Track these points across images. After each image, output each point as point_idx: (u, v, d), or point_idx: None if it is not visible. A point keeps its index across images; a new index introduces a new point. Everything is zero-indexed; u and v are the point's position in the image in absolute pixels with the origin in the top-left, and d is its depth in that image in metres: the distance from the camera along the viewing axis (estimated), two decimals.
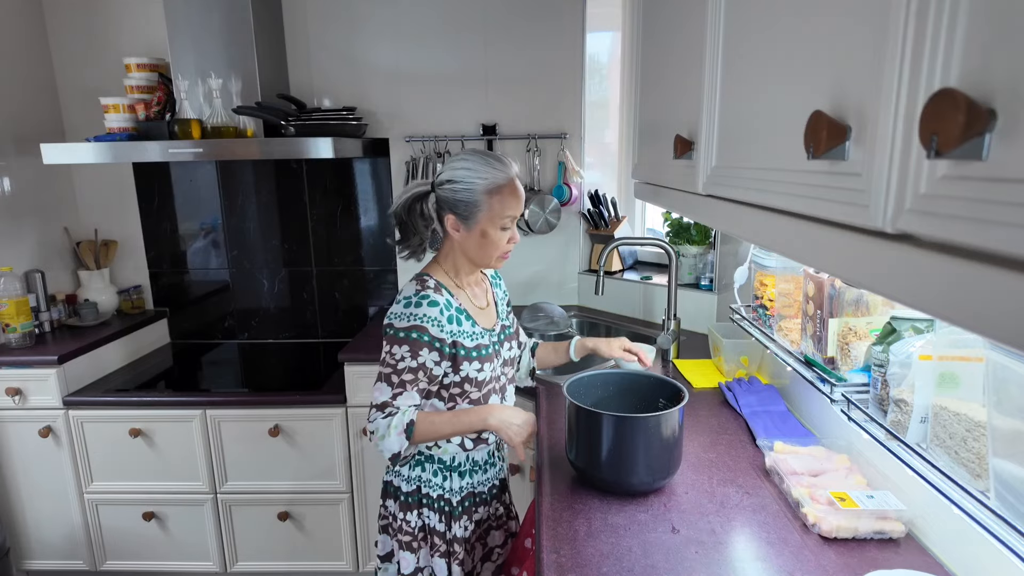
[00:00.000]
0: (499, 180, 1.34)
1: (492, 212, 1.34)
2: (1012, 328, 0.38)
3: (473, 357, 1.40)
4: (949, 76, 0.43)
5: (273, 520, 2.37)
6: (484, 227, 1.36)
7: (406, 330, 1.33)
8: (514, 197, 1.35)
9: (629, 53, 2.70)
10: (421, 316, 1.33)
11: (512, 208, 1.35)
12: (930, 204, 0.46)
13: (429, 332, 1.34)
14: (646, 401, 1.43)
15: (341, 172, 2.75)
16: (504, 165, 1.35)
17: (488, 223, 1.35)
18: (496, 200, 1.33)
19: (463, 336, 1.39)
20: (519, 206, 1.37)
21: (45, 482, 2.37)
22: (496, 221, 1.35)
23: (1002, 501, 0.76)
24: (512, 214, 1.36)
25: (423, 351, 1.34)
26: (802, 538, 1.14)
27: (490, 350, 1.44)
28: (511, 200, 1.35)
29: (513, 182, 1.35)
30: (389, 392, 1.34)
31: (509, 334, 1.57)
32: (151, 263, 2.86)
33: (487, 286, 1.57)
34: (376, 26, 2.63)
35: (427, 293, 1.36)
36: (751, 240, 0.88)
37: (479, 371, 1.42)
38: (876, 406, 1.05)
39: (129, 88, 2.41)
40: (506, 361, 1.53)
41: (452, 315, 1.38)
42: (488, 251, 1.39)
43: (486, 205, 1.33)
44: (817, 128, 0.59)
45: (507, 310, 1.62)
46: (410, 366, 1.33)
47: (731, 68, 0.96)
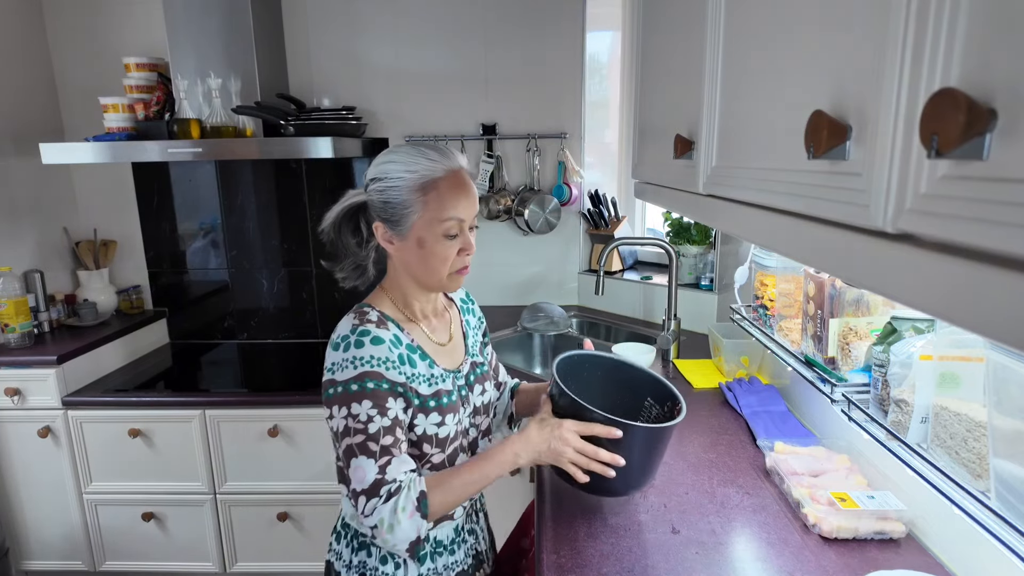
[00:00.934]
0: (434, 172, 1.06)
1: (428, 214, 1.06)
2: (1013, 328, 0.37)
3: (430, 407, 1.10)
4: (949, 76, 0.43)
5: (272, 520, 2.36)
6: (420, 234, 1.07)
7: (357, 381, 1.03)
8: (456, 193, 1.07)
9: (629, 52, 2.70)
10: (368, 359, 1.04)
11: (454, 207, 1.06)
12: (930, 204, 0.45)
13: (385, 377, 1.05)
14: (634, 396, 1.30)
15: (341, 172, 2.75)
16: (443, 155, 1.09)
17: (424, 228, 1.07)
18: (432, 198, 1.06)
19: (417, 381, 1.10)
20: (467, 205, 1.08)
21: (44, 482, 2.37)
22: (435, 226, 1.06)
23: (1003, 501, 0.75)
24: (456, 215, 1.07)
25: (389, 401, 1.04)
26: (802, 538, 1.14)
27: (454, 397, 1.15)
28: (452, 197, 1.06)
29: (455, 175, 1.08)
30: (374, 467, 1.02)
31: (481, 373, 1.26)
32: (150, 263, 2.86)
33: (452, 315, 1.28)
34: (376, 25, 2.63)
35: (367, 328, 1.07)
36: (751, 240, 0.88)
37: (439, 425, 1.11)
38: (877, 406, 1.05)
39: (128, 88, 2.41)
40: (478, 409, 1.23)
41: (403, 354, 1.09)
42: (432, 266, 1.09)
43: (418, 205, 1.06)
44: (817, 128, 0.59)
45: (481, 342, 1.33)
46: (384, 425, 1.03)
47: (731, 67, 0.96)
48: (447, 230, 1.07)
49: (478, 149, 2.73)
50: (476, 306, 1.38)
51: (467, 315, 1.32)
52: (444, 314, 1.25)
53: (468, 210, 1.09)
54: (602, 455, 1.08)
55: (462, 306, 1.33)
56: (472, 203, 1.10)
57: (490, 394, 1.28)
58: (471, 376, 1.23)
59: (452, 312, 1.29)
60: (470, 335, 1.29)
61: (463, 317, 1.31)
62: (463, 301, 1.35)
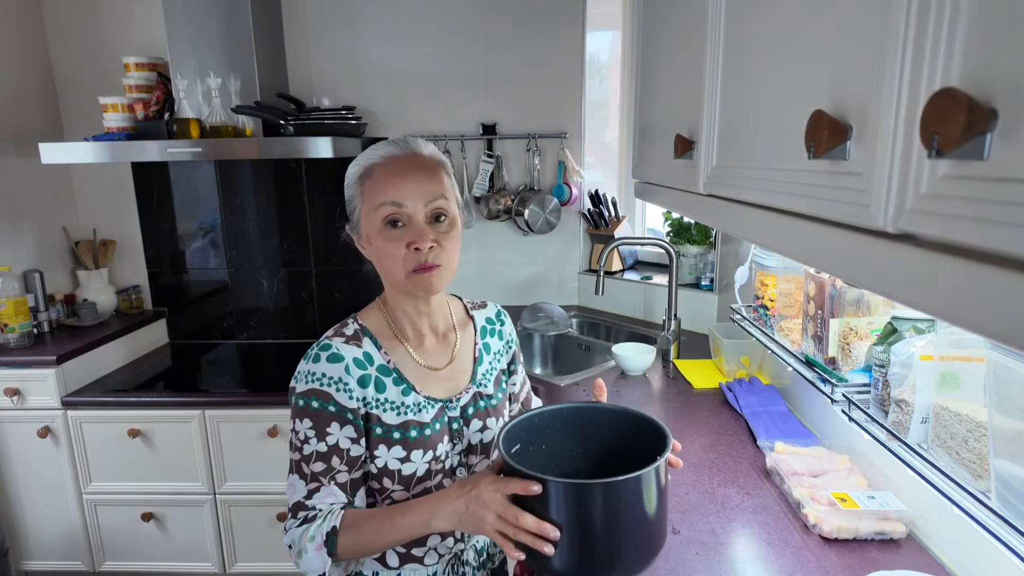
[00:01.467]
0: (372, 159, 0.98)
1: (365, 204, 0.98)
2: (1013, 328, 0.37)
3: (394, 439, 0.99)
4: (950, 75, 0.43)
5: (272, 521, 2.36)
6: (366, 229, 1.00)
7: (303, 396, 0.96)
8: (390, 176, 0.96)
9: (629, 52, 2.70)
10: (319, 376, 0.96)
11: (385, 190, 0.95)
12: (931, 204, 0.45)
13: (334, 399, 0.96)
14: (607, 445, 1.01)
15: (340, 172, 2.72)
16: (393, 144, 1.00)
17: (366, 221, 0.99)
18: (367, 186, 0.98)
19: (383, 407, 0.99)
20: (406, 189, 0.95)
21: (44, 482, 2.36)
22: (373, 217, 0.96)
23: (1003, 502, 0.75)
24: (388, 199, 0.95)
25: (332, 426, 0.96)
26: (803, 539, 1.13)
27: (429, 432, 1.01)
28: (385, 180, 0.96)
29: (394, 159, 0.98)
30: (303, 489, 0.96)
31: (485, 408, 1.09)
32: (150, 263, 2.85)
33: (462, 336, 1.12)
34: (376, 25, 2.62)
35: (330, 344, 0.99)
36: (752, 240, 0.88)
37: (403, 461, 0.99)
38: (877, 406, 1.05)
39: (128, 87, 2.41)
40: (473, 447, 1.08)
41: (369, 375, 0.99)
42: (385, 266, 0.99)
43: (358, 197, 0.99)
44: (818, 127, 0.59)
45: (501, 370, 1.16)
46: (318, 450, 0.96)
47: (732, 67, 0.96)
48: (382, 217, 0.96)
49: (478, 149, 2.73)
50: (508, 328, 1.20)
51: (488, 337, 1.16)
52: (448, 334, 1.11)
53: (409, 194, 0.95)
54: (525, 521, 0.81)
55: (486, 327, 1.17)
56: (416, 187, 0.96)
57: (494, 433, 1.09)
58: (470, 409, 1.08)
59: (464, 333, 1.13)
60: (484, 361, 1.13)
61: (480, 340, 1.14)
62: (489, 321, 1.18)
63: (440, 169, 1.01)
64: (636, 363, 1.98)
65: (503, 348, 1.18)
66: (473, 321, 1.16)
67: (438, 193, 0.98)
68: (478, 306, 1.20)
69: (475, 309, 1.18)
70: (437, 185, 0.98)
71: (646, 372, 2.02)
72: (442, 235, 0.98)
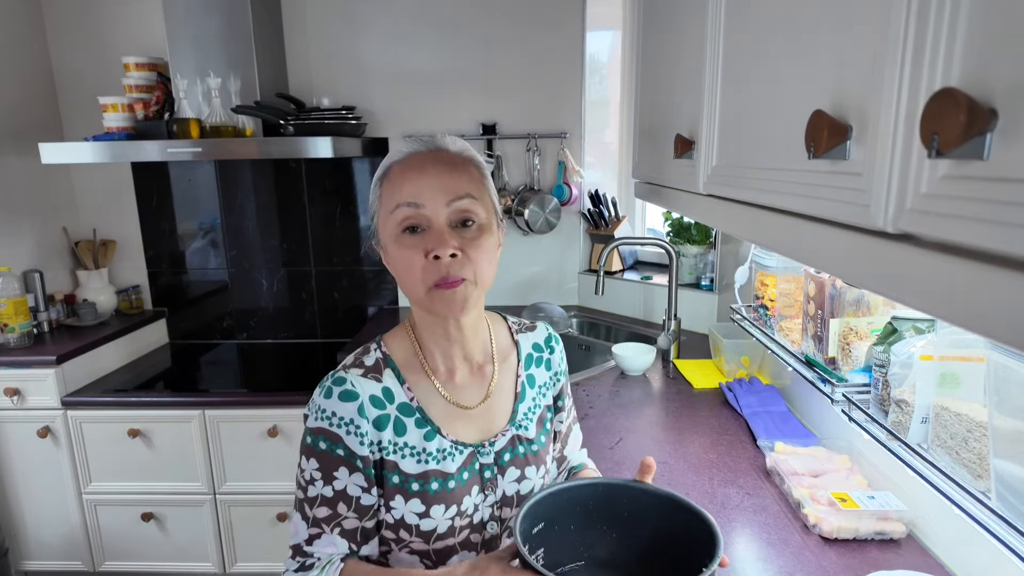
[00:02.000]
0: (392, 158, 0.87)
1: (383, 208, 0.86)
2: (1013, 328, 0.37)
3: (412, 491, 0.86)
4: (950, 75, 0.43)
5: (272, 521, 2.36)
6: (384, 238, 0.87)
7: (312, 434, 0.85)
8: (406, 173, 0.84)
9: (629, 52, 2.70)
10: (329, 415, 0.84)
11: (400, 189, 0.83)
12: (931, 204, 0.45)
13: (344, 442, 0.84)
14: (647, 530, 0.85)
15: (340, 171, 2.75)
16: (415, 140, 0.88)
17: (384, 228, 0.86)
18: (385, 188, 0.86)
19: (401, 452, 0.87)
20: (422, 187, 0.82)
21: (43, 483, 2.36)
22: (388, 222, 0.84)
23: (1003, 502, 0.75)
24: (403, 199, 0.82)
25: (340, 471, 0.84)
26: (803, 539, 1.13)
27: (454, 483, 0.88)
28: (400, 179, 0.84)
29: (413, 156, 0.85)
30: (304, 531, 0.87)
31: (525, 454, 0.95)
32: (150, 263, 2.85)
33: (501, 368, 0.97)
34: (376, 25, 2.62)
35: (344, 377, 0.86)
36: (752, 240, 0.88)
37: (423, 516, 0.87)
38: (877, 406, 1.05)
39: (128, 87, 2.41)
40: (508, 500, 0.93)
41: (388, 416, 0.87)
42: (404, 281, 0.85)
43: (378, 201, 0.88)
44: (818, 127, 0.59)
45: (546, 407, 1.00)
46: (323, 494, 0.85)
47: (732, 67, 0.96)
48: (397, 221, 0.82)
49: (478, 149, 2.71)
50: (559, 356, 1.04)
51: (533, 368, 1.00)
52: (485, 366, 0.95)
53: (428, 192, 0.81)
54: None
55: (532, 355, 1.01)
56: (435, 183, 0.82)
57: (534, 483, 0.95)
58: (507, 455, 0.93)
59: (505, 365, 0.98)
60: (527, 398, 0.98)
61: (523, 372, 0.99)
62: (536, 347, 1.02)
63: (468, 165, 0.86)
64: (636, 363, 1.98)
65: (550, 380, 1.02)
66: (517, 348, 1.00)
67: (463, 191, 0.83)
68: (525, 328, 1.03)
69: (521, 333, 1.02)
70: (463, 181, 0.84)
71: (646, 372, 2.02)
72: (468, 242, 0.82)
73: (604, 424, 1.64)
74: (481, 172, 0.88)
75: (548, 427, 1.01)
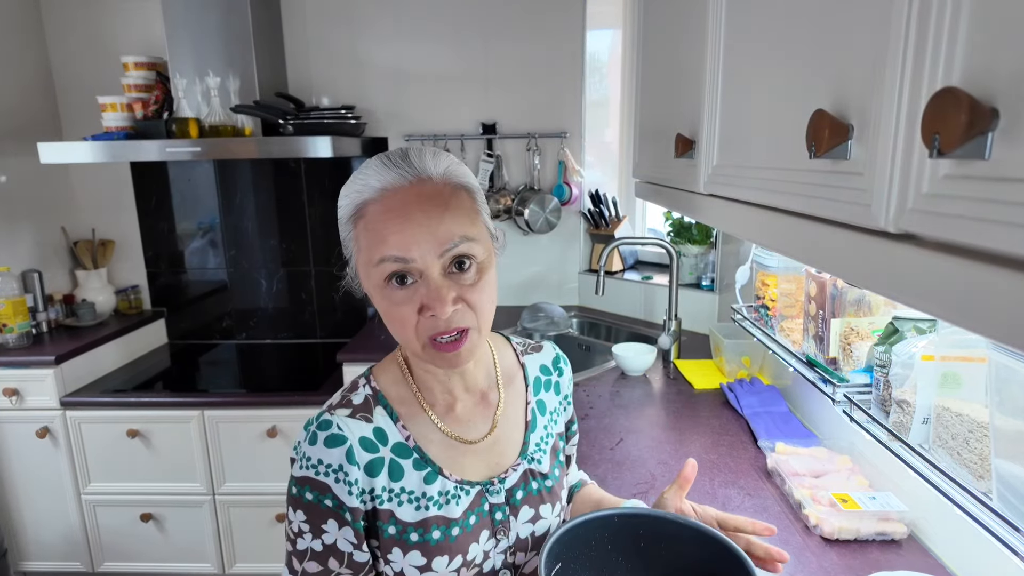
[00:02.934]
0: (363, 194, 0.72)
1: (362, 254, 0.74)
2: (1015, 328, 0.37)
3: (411, 542, 0.77)
4: (951, 75, 0.43)
5: (271, 521, 2.36)
6: (365, 284, 0.76)
7: (298, 484, 0.76)
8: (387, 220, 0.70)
9: (630, 51, 2.69)
10: (315, 463, 0.75)
11: (382, 241, 0.70)
12: (932, 204, 0.45)
13: (332, 491, 0.74)
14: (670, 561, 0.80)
15: (340, 171, 2.75)
16: (390, 165, 0.73)
17: (365, 276, 0.75)
18: (360, 232, 0.73)
19: (398, 499, 0.78)
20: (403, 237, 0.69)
21: (42, 483, 2.36)
22: (371, 274, 0.73)
23: (1004, 502, 0.75)
24: (389, 253, 0.70)
25: (329, 524, 0.75)
26: (804, 539, 1.13)
27: (459, 530, 0.79)
28: (381, 226, 0.71)
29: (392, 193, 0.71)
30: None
31: (539, 491, 0.86)
32: (149, 263, 2.85)
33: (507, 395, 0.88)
34: (375, 24, 2.62)
35: (330, 420, 0.77)
36: (753, 240, 0.88)
37: (424, 570, 0.78)
38: (878, 407, 1.04)
39: (127, 87, 2.40)
40: (522, 543, 0.84)
41: (381, 459, 0.77)
42: (395, 330, 0.75)
43: (352, 241, 0.76)
44: (819, 127, 0.59)
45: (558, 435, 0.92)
46: (312, 548, 0.76)
47: (732, 66, 0.95)
48: (382, 274, 0.71)
49: (478, 148, 2.72)
50: (567, 378, 0.95)
51: (543, 392, 0.91)
52: (490, 393, 0.86)
53: (415, 243, 0.69)
54: None
55: (540, 378, 0.92)
56: (423, 230, 0.69)
57: (550, 523, 0.86)
58: (519, 492, 0.84)
59: (511, 389, 0.88)
60: (538, 426, 0.88)
61: (532, 397, 0.90)
62: (544, 370, 0.92)
63: (458, 194, 0.74)
64: (636, 363, 1.98)
65: (560, 405, 0.93)
66: (524, 371, 0.91)
67: (457, 235, 0.71)
68: (531, 349, 0.94)
69: (527, 354, 0.93)
70: (456, 223, 0.71)
71: (646, 372, 2.02)
72: (467, 289, 0.72)
73: (604, 424, 1.64)
74: (472, 197, 0.76)
75: (561, 458, 0.92)
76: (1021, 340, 0.37)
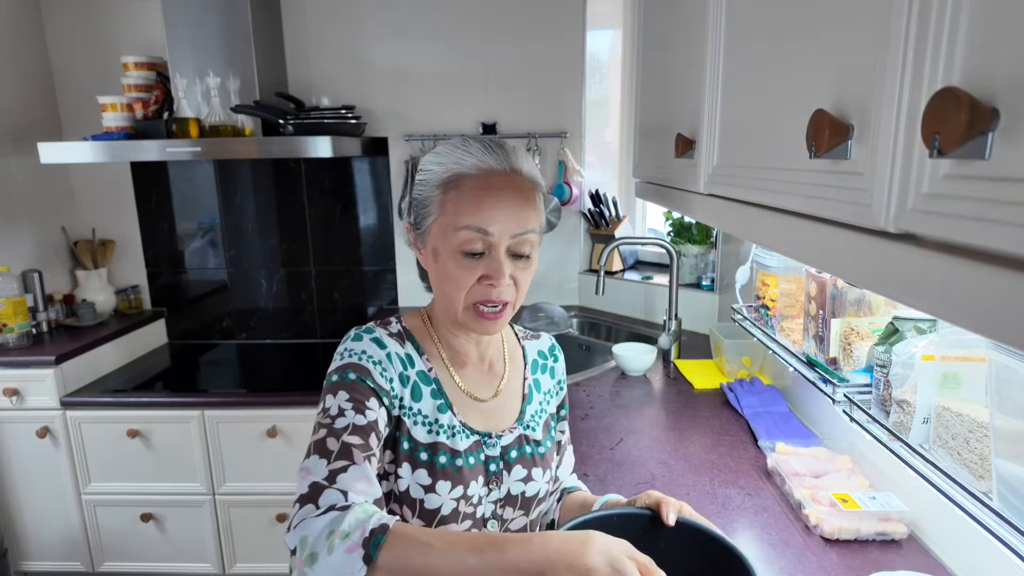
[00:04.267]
0: (462, 167, 0.82)
1: (444, 218, 0.83)
2: (1015, 328, 0.37)
3: (420, 460, 0.84)
4: (952, 75, 0.43)
5: (271, 521, 2.36)
6: (435, 243, 0.85)
7: (339, 371, 0.83)
8: (481, 196, 0.81)
9: (630, 51, 2.69)
10: (359, 353, 0.84)
11: (473, 213, 0.80)
12: (933, 204, 0.45)
13: (373, 376, 0.82)
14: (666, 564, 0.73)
15: (340, 171, 2.75)
16: (487, 150, 0.84)
17: (439, 236, 0.84)
18: (451, 198, 0.82)
19: (415, 418, 0.86)
20: (497, 216, 0.81)
21: (43, 483, 2.36)
22: (449, 236, 0.82)
23: (1005, 502, 0.75)
24: (475, 224, 0.80)
25: (371, 402, 0.81)
26: (804, 539, 1.13)
27: (462, 462, 0.87)
28: (473, 200, 0.81)
29: (490, 175, 0.82)
30: (323, 469, 0.74)
31: (531, 455, 0.94)
32: (149, 263, 2.85)
33: (510, 371, 0.98)
34: (375, 24, 2.62)
35: (373, 329, 0.89)
36: (753, 240, 0.88)
37: (427, 491, 0.84)
38: (878, 407, 1.04)
39: (127, 87, 2.40)
40: (512, 499, 0.92)
41: (408, 376, 0.87)
42: (445, 290, 0.85)
43: (436, 204, 0.84)
44: (819, 127, 0.59)
45: (551, 415, 1.01)
46: (355, 423, 0.78)
47: (733, 66, 0.95)
48: (462, 243, 0.81)
49: None
50: (561, 365, 1.06)
51: (539, 373, 1.02)
52: (496, 364, 0.98)
53: (499, 223, 0.80)
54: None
55: (537, 361, 1.03)
56: (509, 215, 0.81)
57: (540, 487, 0.94)
58: (513, 452, 0.92)
59: (514, 366, 1.00)
60: (534, 400, 0.99)
61: (530, 375, 1.01)
62: (541, 355, 1.04)
63: (536, 193, 0.86)
64: (636, 363, 1.98)
65: (554, 388, 1.04)
66: (524, 351, 1.03)
67: (530, 226, 0.83)
68: (531, 336, 1.06)
69: (527, 339, 1.05)
70: (531, 215, 0.84)
71: (647, 372, 2.02)
72: (520, 272, 0.85)
73: (604, 424, 1.64)
74: (541, 199, 0.88)
75: (552, 434, 1.01)
76: (1021, 340, 0.37)
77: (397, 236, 2.80)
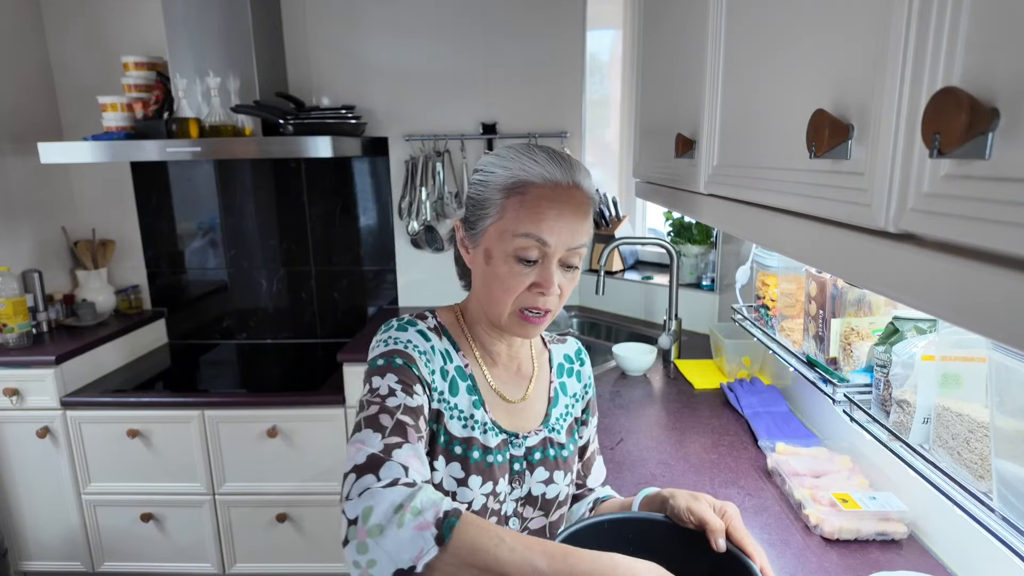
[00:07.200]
0: (529, 175, 0.83)
1: (503, 223, 0.84)
2: (1015, 328, 0.37)
3: (455, 454, 0.86)
4: (952, 75, 0.43)
5: (271, 521, 2.36)
6: (488, 244, 0.86)
7: (385, 356, 0.84)
8: (544, 207, 0.82)
9: (630, 51, 2.69)
10: (405, 342, 0.86)
11: (534, 222, 0.82)
12: (933, 203, 0.45)
13: (418, 366, 0.84)
14: None
15: (340, 171, 2.75)
16: (552, 161, 0.85)
17: (495, 239, 0.85)
18: (512, 203, 0.83)
19: (452, 412, 0.88)
20: (557, 228, 0.82)
21: (43, 483, 2.36)
22: (506, 240, 0.83)
23: (1005, 502, 0.75)
24: (534, 233, 0.82)
25: (417, 387, 0.83)
26: (804, 539, 1.13)
27: (493, 458, 0.89)
28: (535, 209, 0.82)
29: (555, 187, 0.83)
30: (378, 442, 0.74)
31: (555, 458, 0.95)
32: (149, 263, 2.85)
33: (537, 372, 1.00)
34: (375, 24, 2.62)
35: (416, 321, 0.91)
36: (753, 240, 0.88)
37: (460, 484, 0.85)
38: (878, 407, 1.04)
39: (127, 87, 2.40)
40: (533, 499, 0.93)
41: (447, 370, 0.89)
42: (493, 292, 0.86)
43: (496, 208, 0.85)
44: (819, 127, 0.59)
45: (576, 419, 1.02)
46: (407, 404, 0.79)
47: (733, 66, 0.95)
48: (518, 249, 0.83)
49: (478, 148, 2.72)
50: (587, 369, 1.07)
51: (565, 377, 1.03)
52: (523, 366, 0.99)
53: (557, 235, 0.82)
54: None
55: (563, 364, 1.04)
56: (567, 229, 0.83)
57: (560, 490, 0.95)
58: (537, 454, 0.94)
59: (540, 369, 1.01)
60: (560, 404, 1.00)
61: (556, 379, 1.02)
62: (567, 359, 1.05)
63: (591, 212, 0.88)
64: (637, 363, 1.98)
65: (580, 392, 1.04)
66: (550, 356, 1.04)
67: (583, 240, 0.86)
68: (557, 340, 1.08)
69: (553, 343, 1.06)
70: (585, 229, 0.87)
71: (647, 372, 2.02)
72: (566, 282, 0.87)
73: (605, 424, 1.64)
74: (592, 215, 0.90)
75: (576, 439, 1.02)
76: (1021, 340, 0.37)
77: (397, 236, 2.80)
